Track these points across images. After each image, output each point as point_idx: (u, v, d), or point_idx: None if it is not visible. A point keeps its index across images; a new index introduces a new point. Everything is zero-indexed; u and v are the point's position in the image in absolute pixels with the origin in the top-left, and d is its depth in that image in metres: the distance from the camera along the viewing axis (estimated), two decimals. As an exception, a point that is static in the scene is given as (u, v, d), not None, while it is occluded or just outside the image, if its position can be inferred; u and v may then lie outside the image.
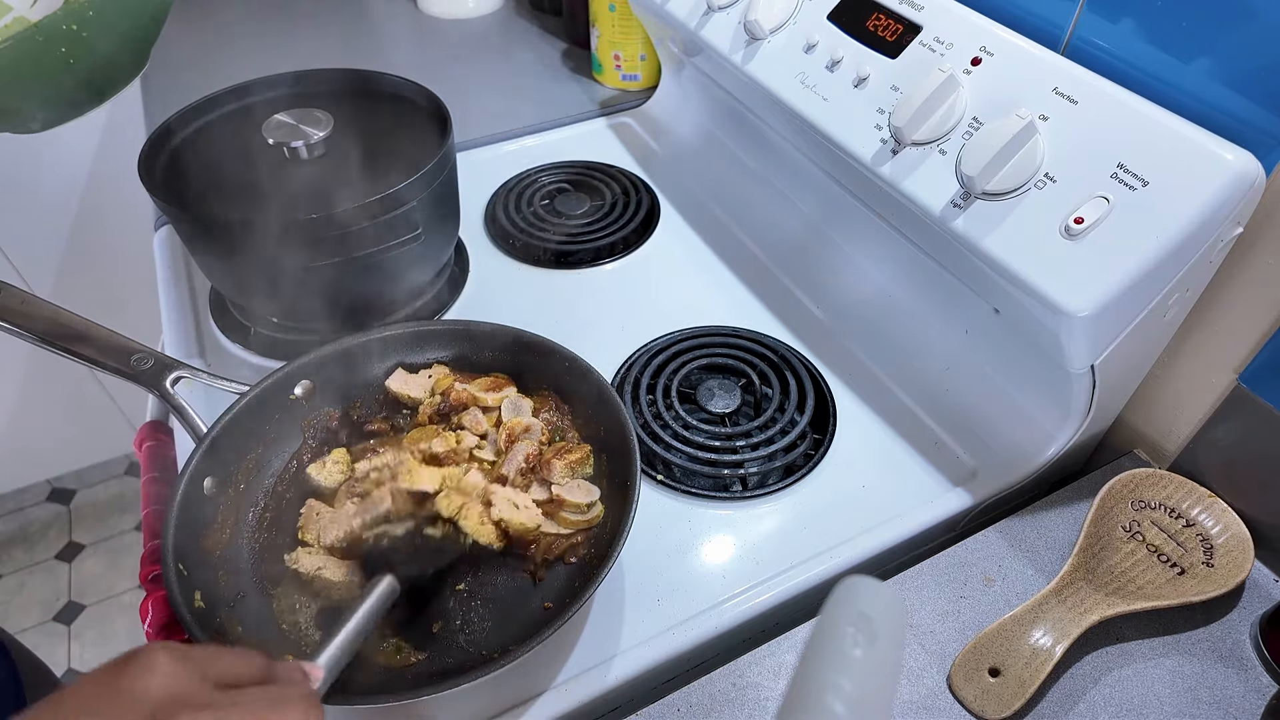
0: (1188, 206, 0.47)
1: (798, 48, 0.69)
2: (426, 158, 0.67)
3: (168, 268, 0.83)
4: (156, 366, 0.61)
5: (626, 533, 0.51)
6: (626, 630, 0.56)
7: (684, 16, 0.80)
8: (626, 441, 0.56)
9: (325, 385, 0.63)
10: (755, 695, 0.52)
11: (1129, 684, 0.53)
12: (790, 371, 0.71)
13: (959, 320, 0.71)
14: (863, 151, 0.62)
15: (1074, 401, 0.61)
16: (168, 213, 0.64)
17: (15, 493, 1.81)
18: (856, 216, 0.78)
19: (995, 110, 0.55)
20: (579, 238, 0.87)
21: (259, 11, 1.31)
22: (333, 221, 0.63)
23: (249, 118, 0.72)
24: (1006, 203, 0.54)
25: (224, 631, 0.49)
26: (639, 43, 1.05)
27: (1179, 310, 0.57)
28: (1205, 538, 0.58)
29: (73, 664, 1.55)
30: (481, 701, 0.52)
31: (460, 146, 0.99)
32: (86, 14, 0.57)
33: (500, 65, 1.18)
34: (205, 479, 0.55)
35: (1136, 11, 0.55)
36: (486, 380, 0.64)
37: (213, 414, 0.58)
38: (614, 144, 1.02)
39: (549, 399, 0.64)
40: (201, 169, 0.69)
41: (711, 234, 0.89)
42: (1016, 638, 0.53)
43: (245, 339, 0.74)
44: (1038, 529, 0.61)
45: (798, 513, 0.63)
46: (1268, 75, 0.49)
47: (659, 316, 0.78)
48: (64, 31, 0.57)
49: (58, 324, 0.61)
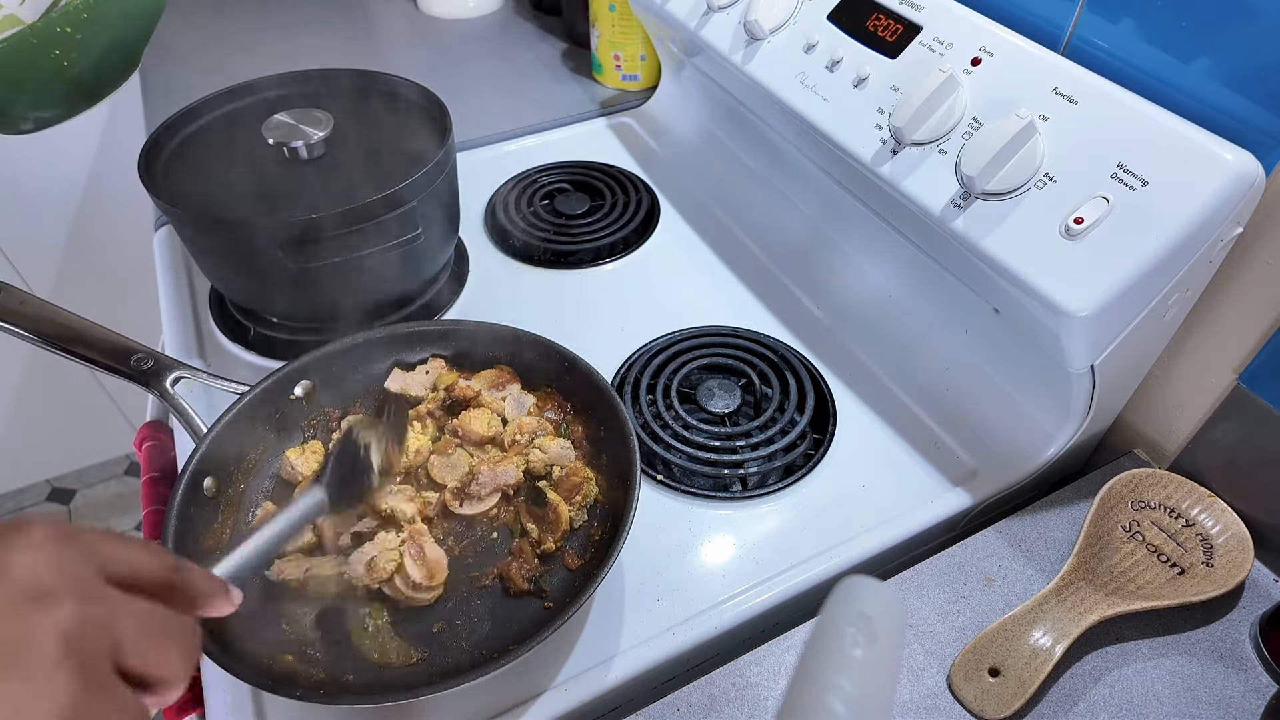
0: (1187, 206, 0.47)
1: (798, 48, 0.69)
2: (426, 158, 0.67)
3: (168, 268, 0.83)
4: (156, 367, 0.61)
5: (626, 533, 0.51)
6: (626, 630, 0.56)
7: (684, 16, 0.80)
8: (626, 441, 0.56)
9: (325, 385, 0.63)
10: (755, 695, 0.52)
11: (1129, 684, 0.53)
12: (790, 371, 0.71)
13: (959, 320, 0.71)
14: (863, 151, 0.62)
15: (1074, 401, 0.61)
16: (168, 213, 0.64)
17: (15, 493, 1.81)
18: (856, 216, 0.78)
19: (995, 110, 0.55)
20: (579, 238, 0.87)
21: (259, 11, 1.31)
22: (332, 221, 0.63)
23: (249, 118, 0.72)
24: (1006, 203, 0.54)
25: (224, 631, 0.49)
26: (639, 43, 1.05)
27: (1179, 310, 0.57)
28: (1205, 538, 0.58)
29: (73, 664, 1.55)
30: (481, 701, 0.52)
31: (460, 146, 0.99)
32: (81, 16, 0.57)
33: (500, 65, 1.18)
34: (205, 479, 0.55)
35: (1136, 11, 0.55)
36: (489, 374, 0.64)
37: (213, 414, 0.58)
38: (614, 144, 1.02)
39: (552, 396, 0.64)
40: (201, 169, 0.69)
41: (711, 234, 0.89)
42: (1016, 638, 0.53)
43: (245, 339, 0.74)
44: (1038, 529, 0.61)
45: (798, 513, 0.63)
46: (1267, 75, 0.49)
47: (659, 316, 0.78)
48: (58, 34, 0.57)
49: (57, 324, 0.61)
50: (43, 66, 0.58)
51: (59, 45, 0.57)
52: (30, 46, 0.56)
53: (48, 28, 0.56)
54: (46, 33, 0.56)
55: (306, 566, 0.53)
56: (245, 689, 0.53)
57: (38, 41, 0.56)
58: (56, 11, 0.56)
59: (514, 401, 0.63)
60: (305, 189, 0.67)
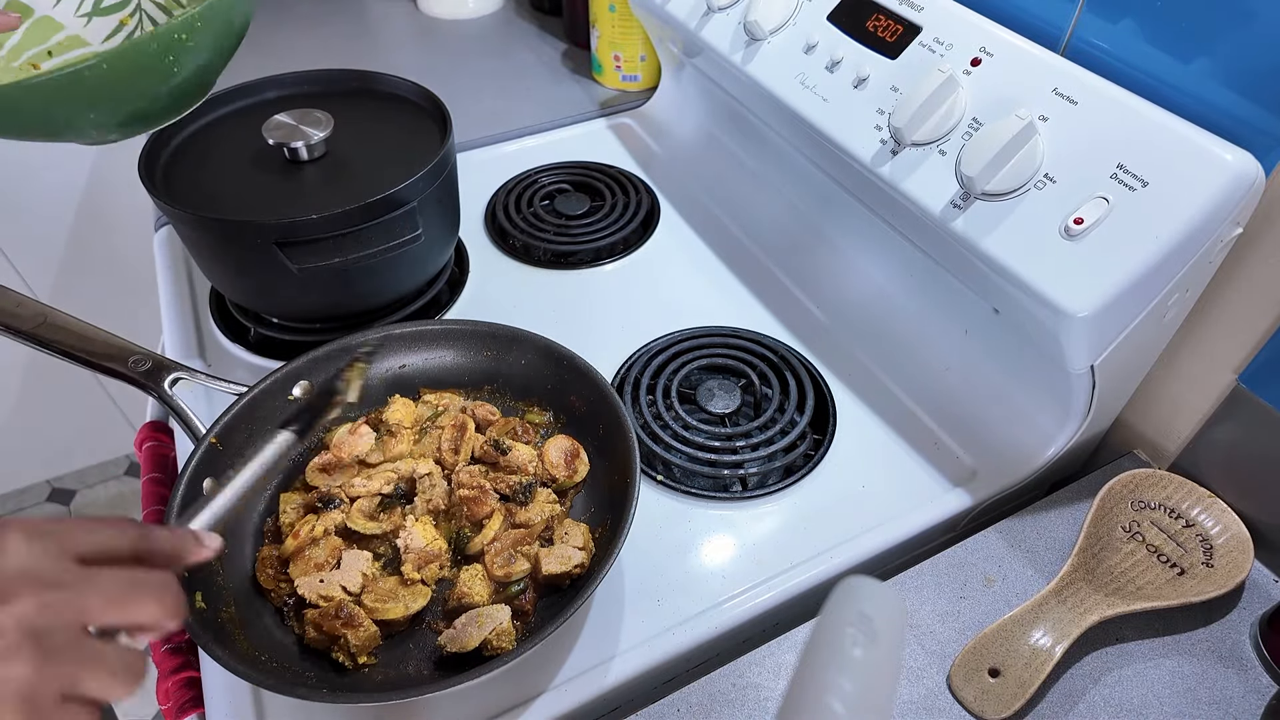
0: (1187, 207, 0.47)
1: (798, 48, 0.69)
2: (427, 158, 0.67)
3: (168, 268, 0.83)
4: (154, 368, 0.61)
5: (626, 533, 0.51)
6: (626, 630, 0.56)
7: (684, 17, 0.80)
8: (626, 441, 0.56)
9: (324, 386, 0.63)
10: (755, 695, 0.52)
11: (1129, 684, 0.53)
12: (790, 372, 0.71)
13: (959, 320, 0.71)
14: (863, 152, 0.62)
15: (1074, 402, 0.61)
16: (168, 213, 0.64)
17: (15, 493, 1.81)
18: (856, 217, 0.78)
19: (995, 111, 0.55)
20: (579, 238, 0.87)
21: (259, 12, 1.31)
22: (332, 222, 0.63)
23: (249, 118, 0.72)
24: (1006, 203, 0.54)
25: (226, 632, 0.49)
26: (639, 43, 1.05)
27: (1179, 310, 0.57)
28: (1205, 538, 0.58)
29: (72, 664, 1.55)
30: (482, 701, 0.52)
31: (460, 147, 0.99)
32: (195, 24, 0.59)
33: (500, 66, 1.18)
34: (205, 480, 0.55)
35: (1136, 12, 0.55)
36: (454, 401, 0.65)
37: (213, 414, 0.58)
38: (614, 144, 1.02)
39: (538, 407, 0.65)
40: (202, 169, 0.69)
41: (711, 234, 0.89)
42: (1016, 638, 0.53)
43: (245, 339, 0.74)
44: (1038, 529, 0.61)
45: (798, 513, 0.63)
46: (1267, 75, 0.49)
47: (659, 317, 0.78)
48: (176, 41, 0.59)
49: (53, 326, 0.61)
50: (157, 73, 0.59)
51: (175, 52, 0.59)
52: (150, 53, 0.58)
53: (168, 34, 0.58)
54: (167, 39, 0.58)
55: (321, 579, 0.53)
56: (245, 689, 0.53)
57: (157, 48, 0.58)
58: (179, 20, 0.57)
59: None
60: (305, 190, 0.68)
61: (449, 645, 0.50)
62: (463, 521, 0.57)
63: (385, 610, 0.51)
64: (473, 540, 0.56)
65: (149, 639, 0.35)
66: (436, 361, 0.67)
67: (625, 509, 0.53)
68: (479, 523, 0.57)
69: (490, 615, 0.51)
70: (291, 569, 0.53)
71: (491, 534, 0.56)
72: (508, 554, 0.55)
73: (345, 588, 0.52)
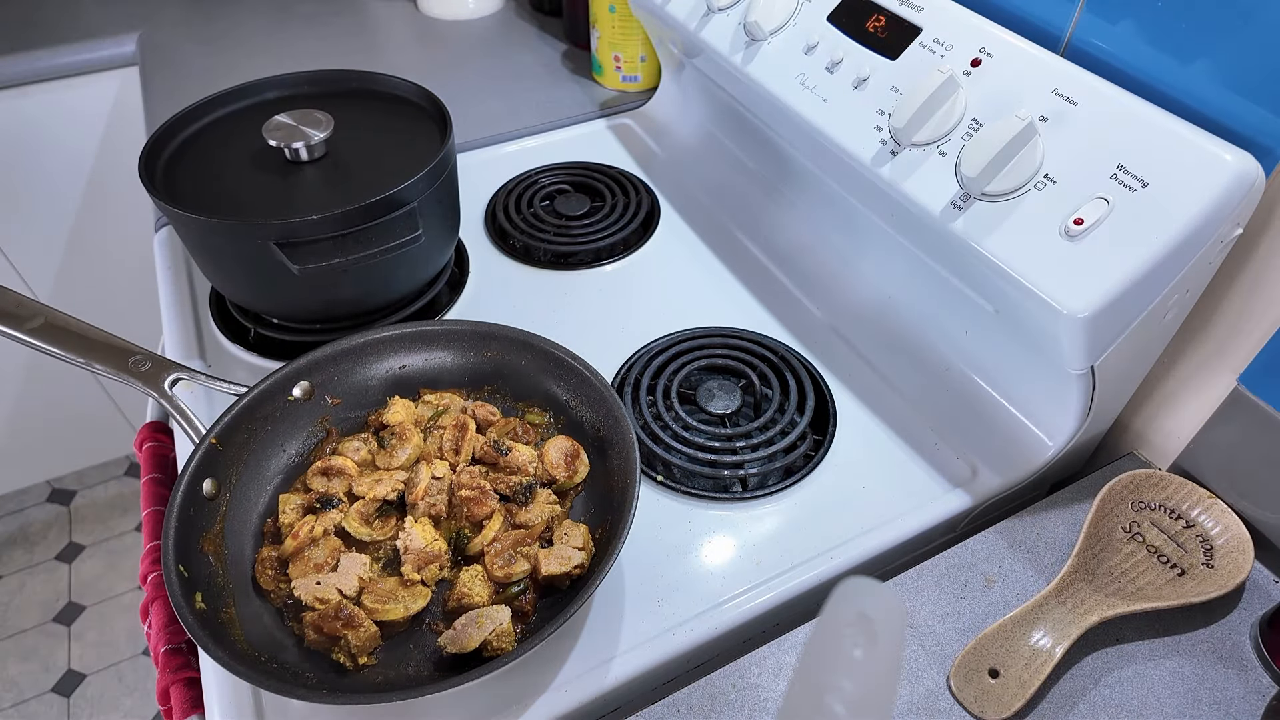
0: (1187, 208, 0.47)
1: (798, 49, 0.69)
2: (426, 158, 0.67)
3: (168, 268, 0.83)
4: (154, 368, 0.61)
5: (626, 533, 0.51)
6: (626, 631, 0.56)
7: (684, 18, 0.80)
8: (626, 442, 0.56)
9: (324, 386, 0.63)
10: (755, 696, 0.52)
11: (1129, 685, 0.53)
12: (790, 372, 0.71)
13: (959, 320, 0.71)
14: (863, 153, 0.62)
15: (1073, 402, 0.61)
16: (168, 213, 0.64)
17: (15, 493, 1.81)
18: (856, 217, 0.78)
19: (995, 111, 0.55)
20: (579, 238, 0.87)
21: (259, 12, 1.31)
22: (332, 223, 0.63)
23: (249, 118, 0.73)
24: (1006, 204, 0.54)
25: (226, 632, 0.49)
26: (639, 44, 1.05)
27: (1179, 311, 0.57)
28: (1205, 539, 0.58)
29: (72, 665, 1.55)
30: (482, 701, 0.52)
31: (460, 147, 0.99)
32: None
33: (500, 67, 1.18)
34: (205, 480, 0.55)
35: (1136, 13, 0.55)
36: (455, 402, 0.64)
37: (212, 414, 0.58)
38: (614, 145, 1.02)
39: (534, 410, 0.65)
40: (202, 170, 0.69)
41: (711, 234, 0.89)
42: (1016, 638, 0.53)
43: (245, 340, 0.74)
44: (1038, 530, 0.61)
45: (798, 514, 0.63)
46: (1267, 76, 0.49)
47: (659, 317, 0.78)
48: None
49: (53, 327, 0.61)
50: None
51: None
52: None
53: None
54: None
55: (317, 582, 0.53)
56: (245, 689, 0.53)
57: None
58: None
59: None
60: (305, 190, 0.68)
61: (449, 646, 0.50)
62: (463, 522, 0.57)
63: (385, 611, 0.51)
64: (473, 541, 0.56)
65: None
66: (436, 362, 0.67)
67: (625, 510, 0.53)
68: (479, 523, 0.57)
69: (490, 616, 0.51)
70: (291, 569, 0.53)
71: (491, 535, 0.56)
72: (508, 555, 0.55)
73: (341, 591, 0.52)
